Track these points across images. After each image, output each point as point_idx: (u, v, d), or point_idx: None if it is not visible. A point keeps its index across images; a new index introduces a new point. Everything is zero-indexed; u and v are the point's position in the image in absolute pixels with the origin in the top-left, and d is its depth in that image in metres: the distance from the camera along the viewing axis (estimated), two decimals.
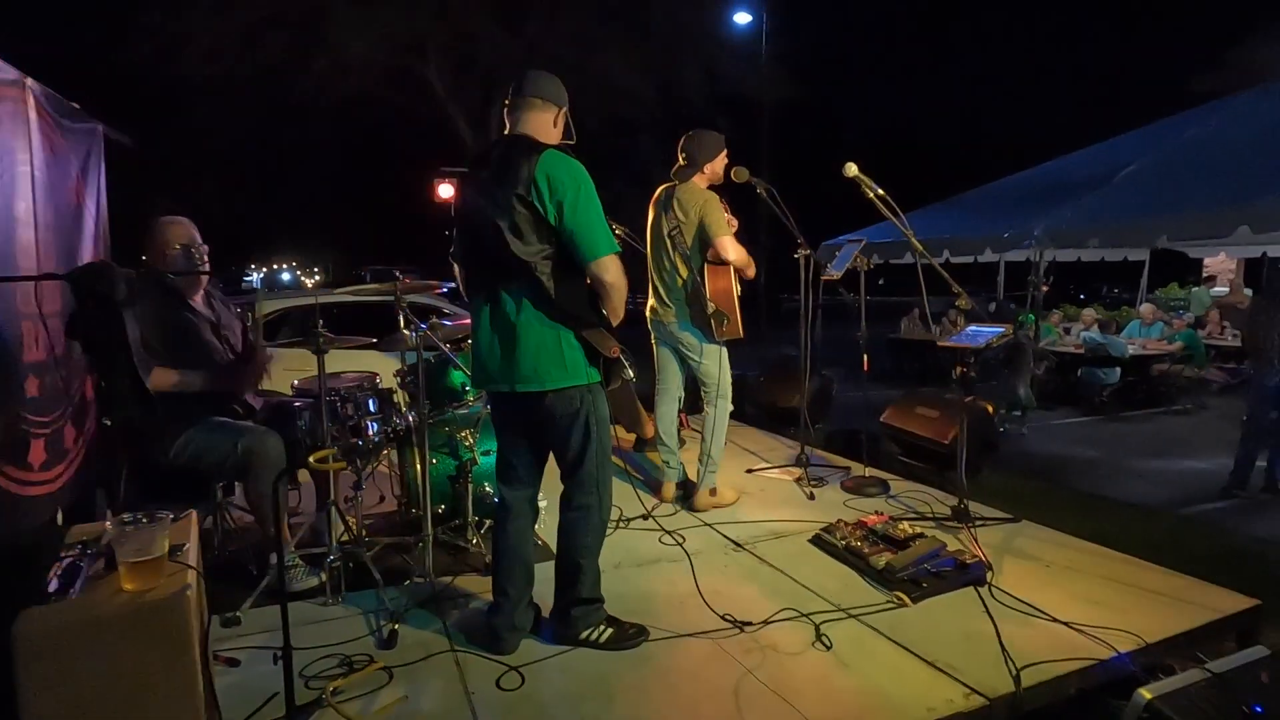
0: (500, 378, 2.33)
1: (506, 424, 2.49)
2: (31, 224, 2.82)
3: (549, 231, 2.20)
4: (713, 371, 3.61)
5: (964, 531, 3.22)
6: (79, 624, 1.41)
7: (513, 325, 2.26)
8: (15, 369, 2.69)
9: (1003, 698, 2.14)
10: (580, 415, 2.33)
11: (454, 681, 2.29)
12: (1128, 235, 7.69)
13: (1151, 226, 7.15)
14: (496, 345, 2.31)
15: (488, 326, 2.33)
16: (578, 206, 2.18)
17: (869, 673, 2.29)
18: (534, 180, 2.16)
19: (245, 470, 2.79)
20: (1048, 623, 2.55)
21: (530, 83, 2.35)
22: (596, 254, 2.21)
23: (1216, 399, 8.58)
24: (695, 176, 3.57)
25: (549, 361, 2.25)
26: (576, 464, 2.39)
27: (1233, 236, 6.88)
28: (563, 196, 2.16)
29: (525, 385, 2.27)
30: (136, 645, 1.44)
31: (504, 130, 2.37)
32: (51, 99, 3.08)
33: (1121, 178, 8.33)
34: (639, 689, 2.25)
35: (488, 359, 2.36)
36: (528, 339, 2.24)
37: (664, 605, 2.75)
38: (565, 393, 2.29)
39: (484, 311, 2.34)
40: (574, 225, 2.18)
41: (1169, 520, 4.59)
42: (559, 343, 2.25)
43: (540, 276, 2.21)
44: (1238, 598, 2.67)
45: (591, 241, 2.20)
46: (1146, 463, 6.44)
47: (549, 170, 2.17)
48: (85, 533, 1.87)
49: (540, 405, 2.31)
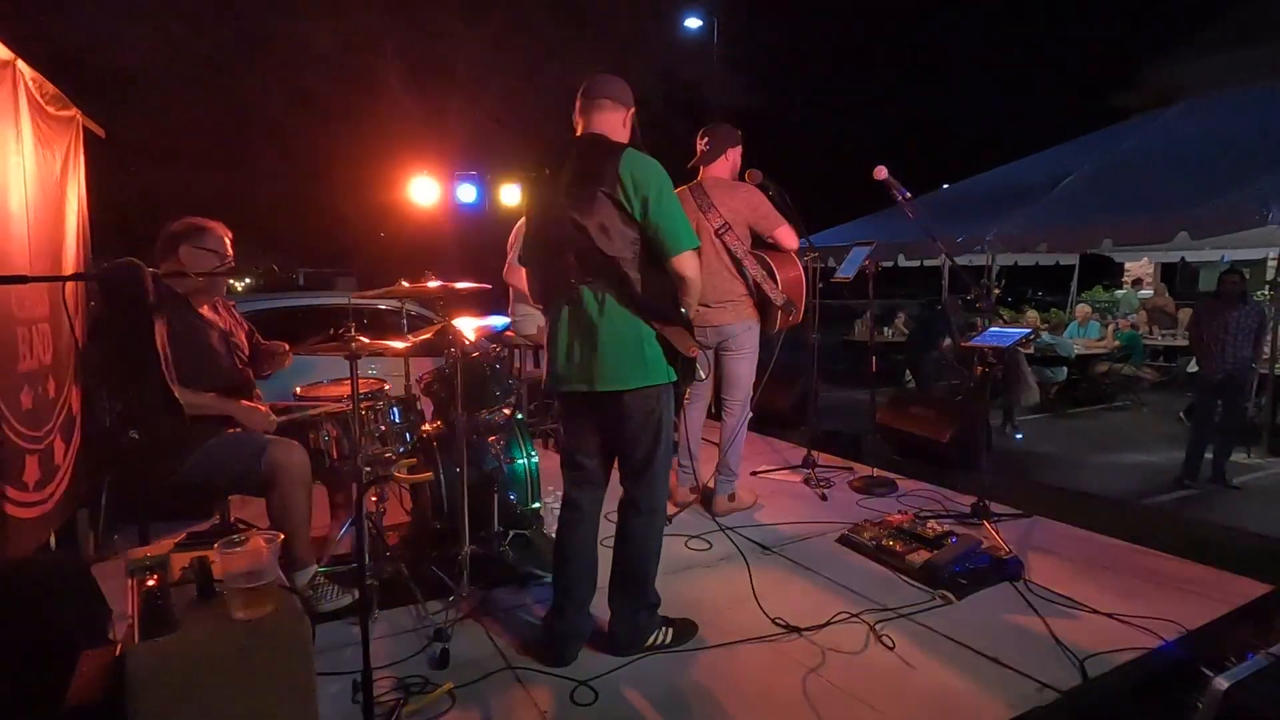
0: (580, 378, 2.29)
1: (580, 425, 2.44)
2: (25, 221, 2.57)
3: (635, 228, 2.20)
4: (745, 373, 3.61)
5: (984, 528, 3.31)
6: (201, 659, 1.28)
7: (594, 324, 2.23)
8: (10, 380, 2.45)
9: (1073, 691, 2.20)
10: (654, 416, 2.31)
11: (523, 701, 2.20)
12: (1074, 239, 8.09)
13: (1097, 231, 7.54)
14: (577, 345, 2.27)
15: (567, 327, 2.29)
16: (661, 202, 2.20)
17: (937, 671, 2.32)
18: (619, 178, 2.17)
19: (270, 484, 2.61)
20: (1089, 614, 2.64)
21: (600, 85, 2.37)
22: (680, 248, 2.22)
23: (1151, 395, 9.12)
24: (717, 164, 3.55)
25: (630, 361, 2.24)
26: (645, 465, 2.36)
27: (1173, 242, 7.34)
28: (647, 192, 2.18)
29: (606, 385, 2.25)
30: (260, 678, 1.33)
31: (575, 132, 2.37)
32: (38, 83, 2.83)
33: (1065, 185, 8.76)
34: (713, 697, 2.22)
35: (566, 359, 2.32)
36: (610, 337, 2.22)
37: (712, 612, 2.71)
38: (643, 392, 2.27)
39: (563, 312, 2.30)
40: (658, 220, 2.19)
41: (1141, 511, 4.82)
42: (640, 342, 2.24)
43: (627, 271, 2.21)
44: (1255, 584, 2.83)
45: (675, 236, 2.22)
46: (1101, 457, 6.78)
47: (632, 168, 2.19)
48: (145, 556, 1.71)
49: (618, 405, 2.28)
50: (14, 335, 2.48)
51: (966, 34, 28.41)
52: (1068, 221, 7.91)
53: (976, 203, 9.49)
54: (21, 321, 2.55)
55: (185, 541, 1.74)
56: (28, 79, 2.69)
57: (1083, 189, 8.48)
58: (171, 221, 2.73)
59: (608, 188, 2.17)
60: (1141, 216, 7.14)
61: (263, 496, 2.71)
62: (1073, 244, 8.53)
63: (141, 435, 2.17)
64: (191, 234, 2.67)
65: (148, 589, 1.53)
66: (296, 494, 2.62)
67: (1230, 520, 4.75)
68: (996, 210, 8.61)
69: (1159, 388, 9.43)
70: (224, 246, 2.74)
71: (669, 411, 2.36)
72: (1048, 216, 8.17)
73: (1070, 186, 8.65)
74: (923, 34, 26.77)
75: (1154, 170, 8.09)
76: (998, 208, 8.69)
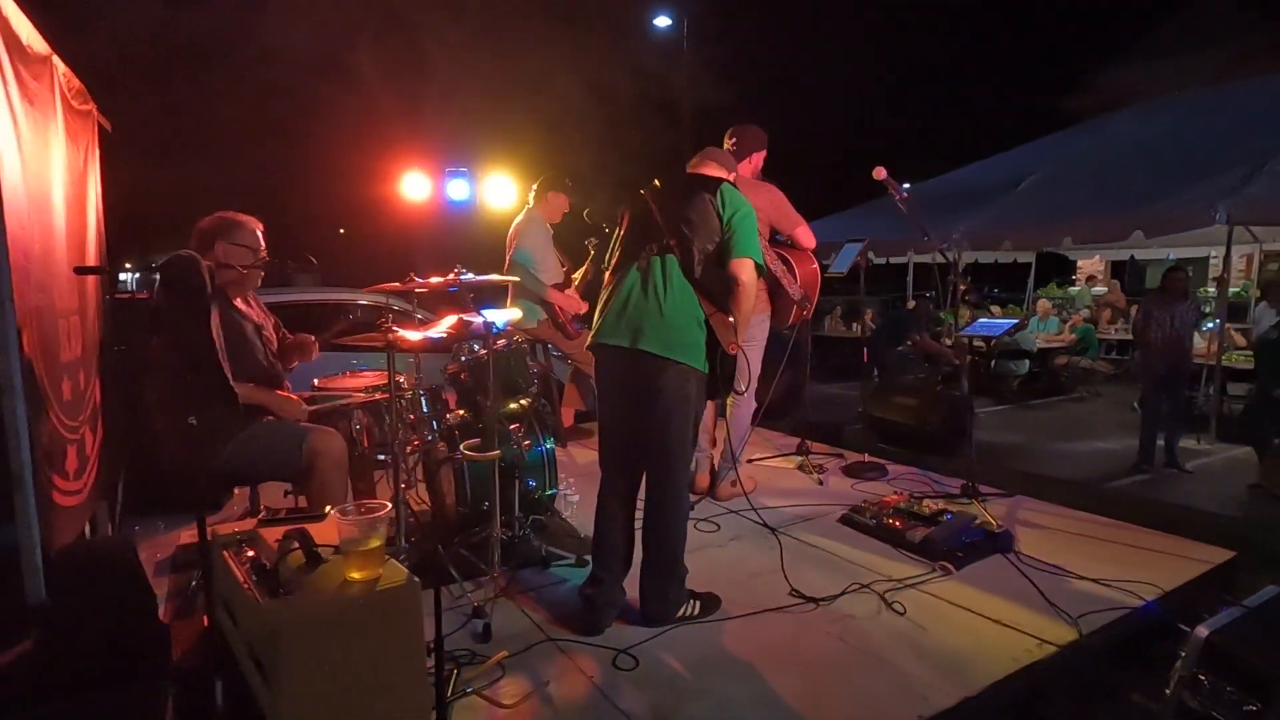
0: (625, 334, 2.49)
1: (615, 393, 2.62)
2: (65, 215, 2.61)
3: (718, 232, 2.53)
4: (752, 363, 3.77)
5: (974, 506, 3.54)
6: (329, 615, 1.40)
7: (662, 290, 2.47)
8: (55, 370, 2.50)
9: (1070, 644, 2.42)
10: (687, 398, 2.49)
11: (569, 668, 2.34)
12: (1037, 238, 8.48)
13: (1058, 230, 7.93)
14: (633, 304, 2.51)
15: (630, 285, 2.54)
16: (744, 219, 2.56)
17: (947, 632, 2.53)
18: (721, 190, 2.58)
19: (310, 470, 2.70)
20: (1076, 580, 2.89)
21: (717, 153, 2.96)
22: (745, 253, 2.50)
23: (1106, 386, 9.58)
24: (743, 165, 3.72)
25: (677, 334, 2.45)
26: (671, 446, 2.53)
27: (1128, 240, 7.76)
28: (735, 209, 2.57)
29: (648, 346, 2.44)
30: (379, 631, 1.45)
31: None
32: (67, 78, 2.86)
33: (1026, 185, 9.16)
34: (746, 660, 2.39)
35: (618, 313, 2.54)
36: (669, 305, 2.46)
37: (730, 587, 2.88)
38: (681, 369, 2.45)
39: (631, 272, 2.56)
40: (737, 228, 2.53)
41: (1108, 492, 5.14)
42: (691, 320, 2.46)
43: (696, 253, 2.48)
44: (1218, 550, 3.11)
45: (746, 244, 2.52)
46: (1062, 445, 7.13)
47: (730, 191, 2.61)
48: (235, 533, 1.81)
49: (657, 376, 2.45)
50: (56, 327, 2.53)
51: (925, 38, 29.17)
52: (1030, 221, 8.28)
53: (941, 202, 9.83)
54: (62, 313, 2.59)
55: (266, 519, 1.84)
56: (60, 73, 2.73)
57: (1042, 190, 8.88)
58: (203, 217, 2.80)
59: (710, 194, 2.56)
60: (1099, 216, 7.54)
61: (299, 482, 2.81)
62: (1035, 242, 8.92)
63: (201, 422, 2.24)
64: (227, 229, 2.75)
65: (252, 559, 1.63)
66: (335, 479, 2.72)
67: (1184, 500, 5.12)
68: (962, 209, 8.95)
69: (1113, 379, 9.92)
70: (258, 241, 2.82)
71: (700, 399, 2.54)
72: (1010, 216, 8.54)
73: (1030, 187, 9.05)
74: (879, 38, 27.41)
75: (1108, 172, 8.52)
76: (963, 207, 9.04)
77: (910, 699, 2.14)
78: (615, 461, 2.65)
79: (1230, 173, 6.71)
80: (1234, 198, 6.26)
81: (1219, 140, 7.72)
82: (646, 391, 2.48)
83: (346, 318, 6.05)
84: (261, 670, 1.44)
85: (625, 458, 2.63)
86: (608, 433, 2.66)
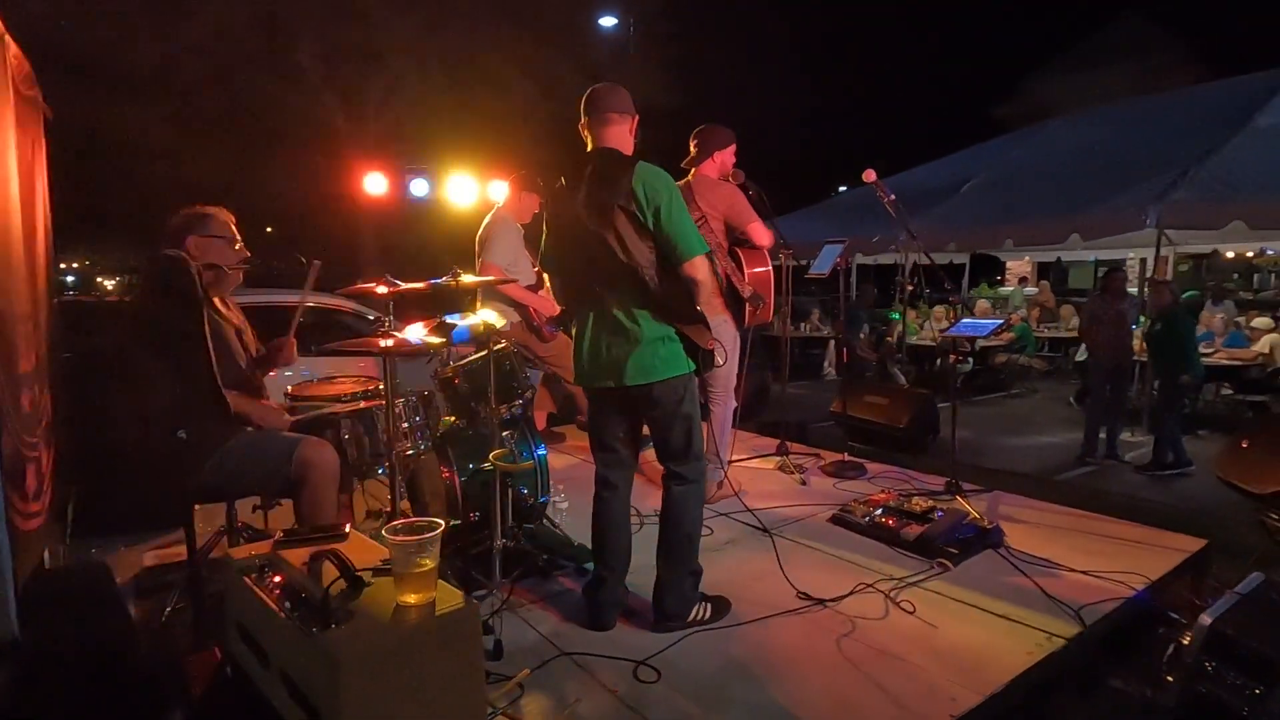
0: (609, 375, 2.46)
1: (608, 415, 2.61)
2: (19, 212, 2.38)
3: (649, 238, 2.37)
4: (726, 367, 3.75)
5: (958, 502, 3.62)
6: (391, 643, 1.30)
7: (622, 326, 2.41)
8: (14, 381, 2.27)
9: (1076, 637, 2.49)
10: (683, 402, 2.51)
11: (590, 683, 2.27)
12: (980, 240, 8.80)
13: (1000, 232, 8.25)
14: (603, 345, 2.45)
15: (593, 328, 2.48)
16: (671, 211, 2.37)
17: (957, 629, 2.56)
18: (633, 190, 2.33)
19: (301, 482, 2.53)
20: (1067, 572, 2.97)
21: (604, 98, 2.49)
22: (690, 254, 2.39)
23: (1041, 383, 10.03)
24: (706, 164, 3.70)
25: (655, 357, 2.42)
26: (685, 445, 2.54)
27: (1066, 243, 8.12)
28: (659, 203, 2.35)
29: (633, 380, 2.42)
30: (441, 657, 1.36)
31: (586, 146, 2.53)
32: (16, 60, 2.61)
33: (967, 189, 9.50)
34: (767, 665, 2.36)
35: (593, 358, 2.50)
36: (635, 338, 2.40)
37: (735, 590, 2.84)
38: (669, 383, 2.46)
39: (589, 316, 2.49)
40: (669, 229, 2.37)
41: (1059, 486, 5.36)
42: (662, 339, 2.43)
43: (645, 278, 2.36)
44: (1193, 539, 3.25)
45: (686, 244, 2.39)
46: (1010, 440, 7.42)
47: (644, 179, 2.36)
48: (253, 556, 1.67)
49: (647, 396, 2.46)
50: (15, 332, 2.30)
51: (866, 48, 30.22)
52: (973, 223, 8.59)
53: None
54: (20, 318, 2.36)
55: (283, 540, 1.70)
56: (11, 54, 2.49)
57: (984, 194, 9.22)
58: (170, 215, 2.60)
59: (623, 201, 2.32)
60: (1039, 219, 7.86)
61: (288, 497, 2.64)
62: (979, 244, 9.24)
63: (190, 435, 2.07)
64: (196, 223, 2.55)
65: (282, 584, 1.50)
66: (328, 492, 2.57)
67: (1129, 490, 5.39)
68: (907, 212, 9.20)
69: (1047, 376, 10.40)
70: (230, 231, 2.63)
71: (694, 397, 2.56)
72: (955, 218, 8.84)
73: (971, 191, 9.39)
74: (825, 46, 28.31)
75: (1044, 177, 8.91)
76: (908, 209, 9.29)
77: (938, 699, 2.15)
78: (609, 464, 2.64)
79: (1156, 180, 7.10)
80: (1162, 203, 6.62)
81: (1144, 149, 8.17)
82: (642, 411, 2.54)
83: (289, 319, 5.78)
84: (307, 707, 1.32)
85: (619, 461, 2.64)
86: (600, 438, 2.64)
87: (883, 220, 9.28)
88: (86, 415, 3.12)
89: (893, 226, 8.79)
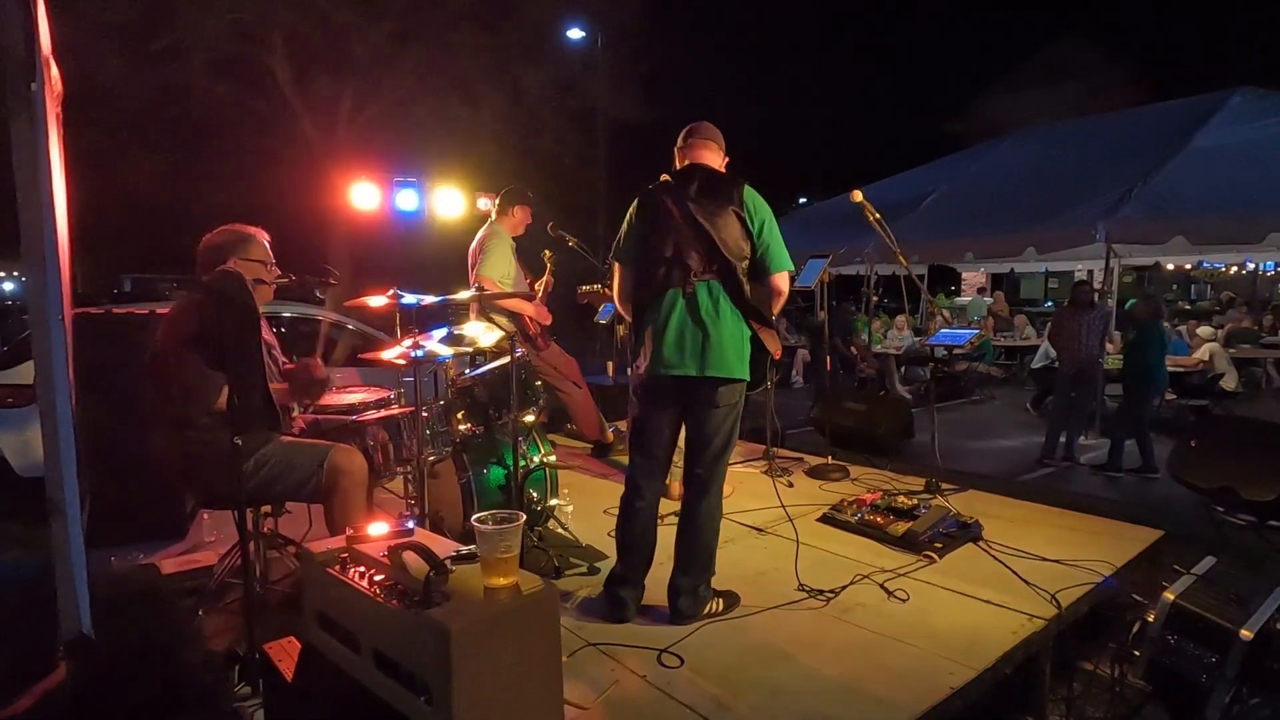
0: (691, 363, 2.59)
1: (663, 414, 2.73)
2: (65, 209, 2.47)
3: (749, 244, 2.65)
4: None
5: (937, 499, 3.88)
6: (492, 618, 1.46)
7: (710, 315, 2.58)
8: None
9: (1053, 618, 2.74)
10: (736, 407, 2.69)
11: (619, 669, 2.43)
12: (943, 252, 9.20)
13: (961, 245, 8.66)
14: (689, 334, 2.59)
15: (680, 316, 2.60)
16: (772, 228, 2.70)
17: (948, 614, 2.80)
18: (745, 201, 2.65)
19: (332, 489, 2.66)
20: (1039, 561, 3.23)
21: (708, 129, 2.83)
22: (782, 266, 2.67)
23: (999, 389, 10.48)
24: None
25: (735, 354, 2.60)
26: (721, 450, 2.71)
27: (1021, 255, 8.55)
28: (764, 217, 2.68)
29: (714, 370, 2.57)
30: (532, 634, 1.52)
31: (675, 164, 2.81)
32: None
33: (927, 204, 9.91)
34: (781, 649, 2.56)
35: (677, 346, 2.61)
36: (724, 330, 2.58)
37: (741, 585, 3.02)
38: (735, 385, 2.64)
39: (677, 304, 2.61)
40: (769, 240, 2.68)
41: (1022, 485, 5.69)
42: (744, 339, 2.62)
43: (740, 276, 2.59)
44: (1149, 530, 3.56)
45: (780, 256, 2.67)
46: (971, 443, 7.76)
47: (752, 197, 2.68)
48: (331, 550, 1.80)
49: (712, 393, 2.61)
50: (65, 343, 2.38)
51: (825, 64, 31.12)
52: (936, 236, 8.99)
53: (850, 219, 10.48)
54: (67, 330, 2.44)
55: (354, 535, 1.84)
56: (54, 77, 2.57)
57: (943, 208, 9.64)
58: (208, 233, 2.71)
59: (736, 206, 2.62)
60: (998, 233, 8.29)
61: (318, 502, 2.76)
62: (941, 256, 9.64)
63: (246, 442, 2.19)
64: (239, 244, 2.67)
65: (371, 574, 1.64)
66: (358, 498, 2.70)
67: (1088, 489, 5.75)
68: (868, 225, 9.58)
69: (1004, 383, 10.87)
70: (268, 254, 2.75)
71: (741, 408, 2.74)
72: (917, 232, 9.22)
73: (932, 205, 9.80)
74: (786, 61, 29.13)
75: (1001, 192, 9.37)
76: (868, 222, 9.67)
77: (938, 673, 2.38)
78: (646, 472, 2.77)
79: (1104, 197, 7.55)
80: (1110, 219, 7.07)
81: (1092, 166, 8.66)
82: (706, 406, 2.65)
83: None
84: (412, 684, 1.47)
85: (656, 470, 2.78)
86: (645, 443, 2.77)
87: (845, 232, 9.69)
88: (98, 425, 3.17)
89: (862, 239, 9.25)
